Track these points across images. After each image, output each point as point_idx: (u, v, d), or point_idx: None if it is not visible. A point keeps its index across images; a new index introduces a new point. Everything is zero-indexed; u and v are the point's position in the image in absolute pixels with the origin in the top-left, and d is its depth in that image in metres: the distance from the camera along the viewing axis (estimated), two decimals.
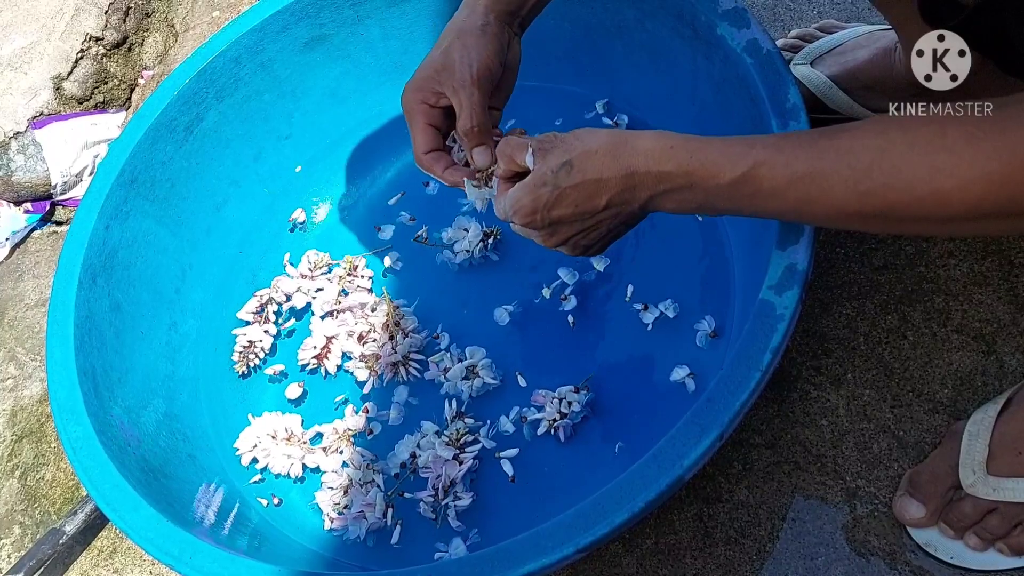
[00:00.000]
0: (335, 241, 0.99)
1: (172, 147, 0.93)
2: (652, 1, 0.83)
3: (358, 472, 0.82)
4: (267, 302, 0.94)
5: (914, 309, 0.81)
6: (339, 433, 0.85)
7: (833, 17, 0.99)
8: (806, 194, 0.52)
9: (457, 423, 0.82)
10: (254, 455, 0.86)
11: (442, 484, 0.78)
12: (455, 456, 0.79)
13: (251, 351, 0.91)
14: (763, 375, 0.60)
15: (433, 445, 0.80)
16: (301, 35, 0.96)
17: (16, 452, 1.01)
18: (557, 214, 0.61)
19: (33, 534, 0.95)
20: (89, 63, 1.25)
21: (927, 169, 0.47)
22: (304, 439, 0.86)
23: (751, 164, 0.54)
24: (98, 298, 0.84)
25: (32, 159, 1.18)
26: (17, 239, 1.20)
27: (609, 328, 0.85)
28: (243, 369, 0.91)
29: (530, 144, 0.61)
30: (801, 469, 0.76)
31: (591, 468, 0.78)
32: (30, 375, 1.07)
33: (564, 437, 0.79)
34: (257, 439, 0.86)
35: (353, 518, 0.79)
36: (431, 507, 0.78)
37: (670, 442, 0.59)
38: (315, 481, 0.85)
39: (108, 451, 0.72)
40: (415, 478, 0.81)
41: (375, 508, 0.79)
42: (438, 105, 0.70)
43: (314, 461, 0.85)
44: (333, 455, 0.84)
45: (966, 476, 0.67)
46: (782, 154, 0.53)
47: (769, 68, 0.72)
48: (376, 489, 0.80)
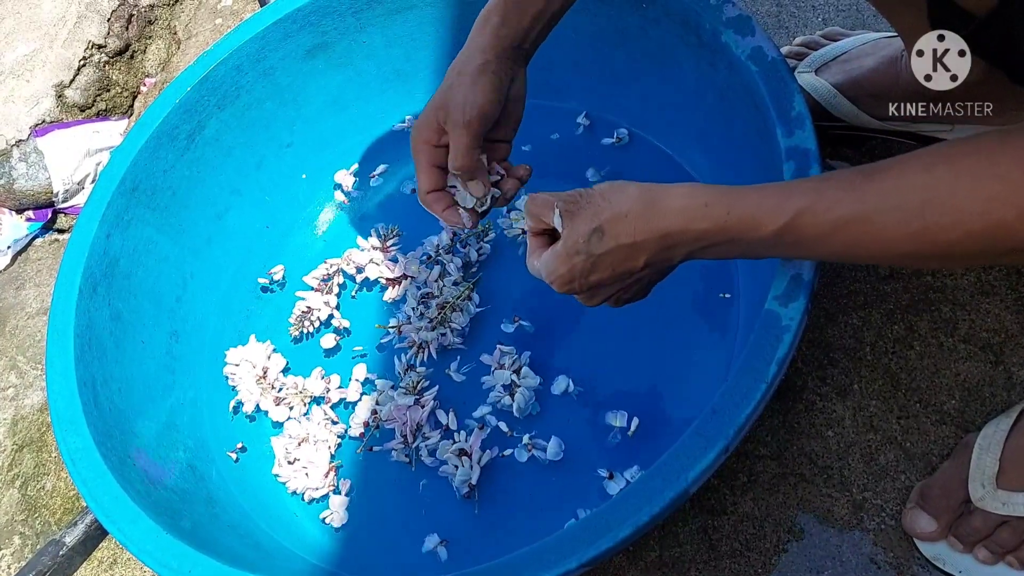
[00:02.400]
0: (340, 249, 0.98)
1: (174, 155, 0.93)
2: (656, 9, 0.83)
3: (317, 428, 0.86)
4: (335, 272, 0.95)
5: (921, 319, 0.80)
6: (298, 389, 0.89)
7: (838, 25, 0.99)
8: (854, 239, 0.51)
9: (410, 374, 0.85)
10: (234, 372, 0.91)
11: (409, 429, 0.82)
12: (416, 402, 0.83)
13: (308, 317, 0.93)
14: (769, 387, 0.59)
15: (392, 398, 0.84)
16: (303, 43, 0.96)
17: (17, 462, 1.01)
18: (595, 279, 0.60)
19: (33, 544, 0.95)
20: (91, 71, 1.25)
21: (981, 202, 0.45)
22: (274, 383, 0.90)
23: (792, 214, 0.52)
24: (99, 307, 0.84)
25: (34, 167, 1.17)
26: (19, 247, 1.20)
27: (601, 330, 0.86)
28: (296, 333, 0.93)
29: (556, 204, 0.60)
30: (807, 481, 0.75)
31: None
32: (31, 384, 1.07)
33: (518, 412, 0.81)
34: (242, 361, 0.91)
35: (295, 472, 0.84)
36: (403, 452, 0.82)
37: (674, 455, 0.58)
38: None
39: (108, 462, 0.72)
40: (380, 433, 0.85)
41: (317, 466, 0.84)
42: (441, 144, 0.72)
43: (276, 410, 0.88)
44: (297, 407, 0.88)
45: (976, 490, 0.67)
46: (823, 200, 0.51)
47: (774, 76, 0.72)
48: (326, 450, 0.85)
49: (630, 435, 0.78)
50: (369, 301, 0.96)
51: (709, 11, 0.77)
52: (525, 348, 0.84)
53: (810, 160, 0.67)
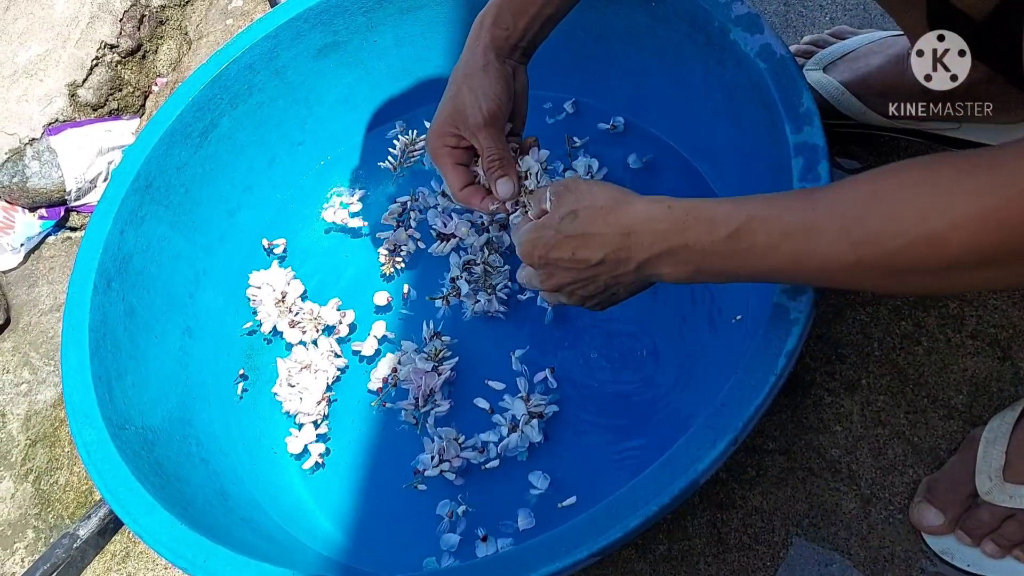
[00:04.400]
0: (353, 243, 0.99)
1: (187, 153, 0.94)
2: (665, 7, 0.83)
3: (320, 358, 0.90)
4: (409, 208, 0.98)
5: (928, 315, 0.80)
6: (313, 315, 0.93)
7: (846, 23, 0.99)
8: (800, 248, 0.51)
9: (435, 341, 0.87)
10: (255, 294, 0.95)
11: (422, 393, 0.84)
12: (434, 367, 0.85)
13: (396, 254, 0.96)
14: (778, 379, 0.60)
15: (413, 360, 0.86)
16: (314, 42, 0.97)
17: (30, 456, 1.02)
18: (554, 256, 0.63)
19: (47, 538, 0.96)
20: (104, 70, 1.26)
21: (917, 210, 0.45)
22: (292, 307, 0.94)
23: (744, 218, 0.53)
24: (113, 303, 0.84)
25: (47, 165, 1.18)
26: (32, 245, 1.21)
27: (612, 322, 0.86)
28: (390, 271, 0.95)
29: (550, 189, 0.65)
30: (815, 475, 0.76)
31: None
32: (44, 380, 1.08)
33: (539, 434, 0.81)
34: (263, 284, 0.95)
35: (291, 394, 0.88)
36: (412, 414, 0.85)
37: (684, 446, 0.59)
38: None
39: (123, 455, 0.73)
40: (396, 391, 0.87)
41: (312, 393, 0.87)
42: (460, 146, 0.74)
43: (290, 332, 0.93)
44: (310, 332, 0.92)
45: (983, 483, 0.67)
46: (774, 208, 0.52)
47: (782, 73, 0.72)
48: (324, 380, 0.89)
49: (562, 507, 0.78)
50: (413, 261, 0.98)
51: (718, 9, 0.78)
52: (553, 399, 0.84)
53: (818, 156, 0.67)
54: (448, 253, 0.92)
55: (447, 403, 0.85)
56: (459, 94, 0.71)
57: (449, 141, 0.74)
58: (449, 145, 0.74)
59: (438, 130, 0.74)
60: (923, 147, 0.88)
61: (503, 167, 0.72)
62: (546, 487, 0.78)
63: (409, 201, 0.98)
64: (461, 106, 0.71)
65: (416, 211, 0.98)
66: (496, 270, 0.88)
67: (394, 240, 0.96)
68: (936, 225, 0.44)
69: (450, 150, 0.74)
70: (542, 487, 0.78)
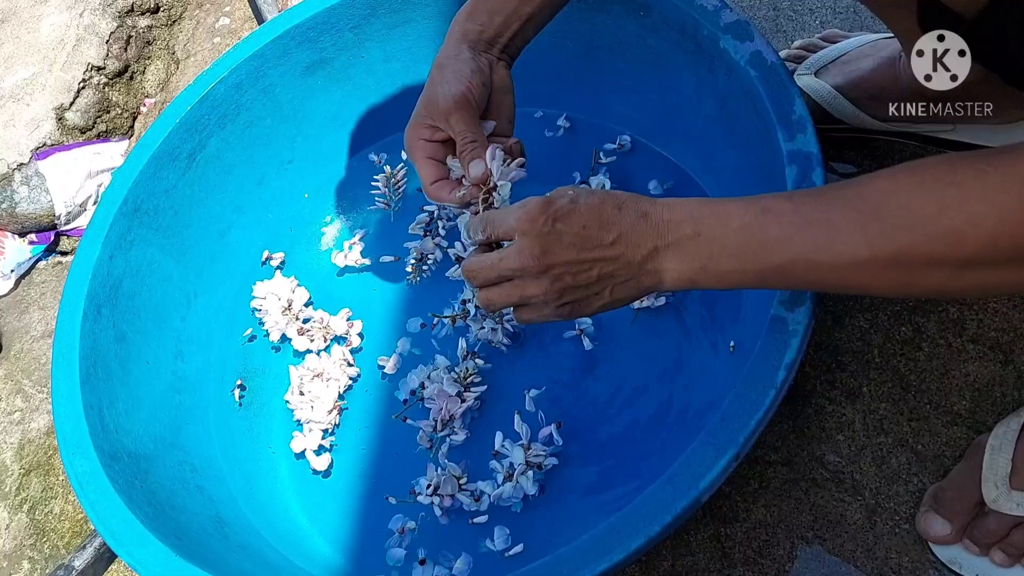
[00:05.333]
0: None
1: (175, 175, 0.93)
2: (654, 16, 0.82)
3: (332, 367, 0.90)
4: (436, 217, 0.97)
5: (928, 320, 0.79)
6: (323, 324, 0.93)
7: (836, 27, 0.99)
8: (814, 242, 0.50)
9: (468, 362, 0.85)
10: (260, 304, 0.95)
11: (442, 417, 0.82)
12: (459, 392, 0.83)
13: (423, 264, 0.95)
14: (778, 392, 0.59)
15: (442, 379, 0.83)
16: (302, 60, 0.96)
17: (24, 486, 1.01)
18: (560, 227, 0.57)
19: (42, 568, 0.95)
20: (91, 93, 1.25)
21: (935, 205, 0.45)
22: (299, 315, 0.94)
23: (758, 210, 0.52)
24: (103, 329, 0.83)
25: (36, 190, 1.17)
26: (22, 271, 1.20)
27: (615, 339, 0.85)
28: (416, 279, 0.94)
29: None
30: (819, 486, 0.75)
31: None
32: (37, 407, 1.07)
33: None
34: (268, 294, 0.95)
35: (303, 402, 0.88)
36: (428, 437, 0.83)
37: (685, 464, 0.58)
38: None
39: (115, 485, 0.72)
40: (421, 406, 0.85)
41: (323, 401, 0.87)
42: (434, 139, 0.72)
43: (298, 340, 0.93)
44: (318, 340, 0.93)
45: (989, 491, 0.66)
46: (791, 202, 0.52)
47: (774, 80, 0.72)
48: (336, 388, 0.89)
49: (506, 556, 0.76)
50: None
51: (706, 17, 0.77)
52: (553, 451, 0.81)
53: (812, 163, 0.66)
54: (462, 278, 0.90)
55: (464, 433, 0.82)
56: (431, 84, 0.71)
57: (423, 133, 0.72)
58: (423, 138, 0.72)
59: (413, 122, 0.73)
60: (918, 150, 0.87)
61: (475, 149, 0.69)
62: (500, 548, 0.76)
63: (437, 210, 0.97)
64: (432, 95, 0.70)
65: (444, 219, 0.96)
66: None
67: (421, 249, 0.95)
68: (954, 221, 0.45)
69: (424, 143, 0.72)
70: (497, 546, 0.76)
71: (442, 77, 0.70)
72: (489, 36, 0.72)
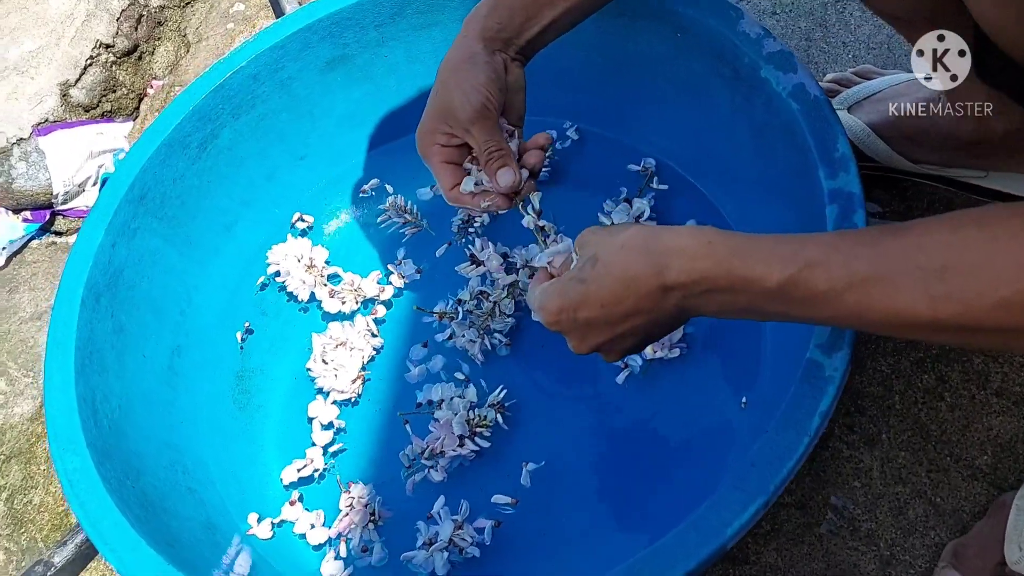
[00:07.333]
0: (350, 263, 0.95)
1: (184, 164, 0.90)
2: (691, 38, 0.80)
3: (356, 336, 0.88)
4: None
5: (952, 369, 0.78)
6: (354, 286, 0.91)
7: (869, 62, 0.97)
8: (868, 299, 0.45)
9: (489, 411, 0.79)
10: (278, 265, 0.93)
11: (433, 447, 0.79)
12: (461, 436, 0.78)
13: (469, 225, 0.93)
14: (811, 440, 0.57)
15: (457, 411, 0.79)
16: (323, 54, 0.93)
17: (3, 473, 0.97)
18: (584, 316, 0.55)
19: (18, 561, 0.91)
20: (98, 70, 1.22)
21: (1014, 267, 0.41)
22: (323, 272, 0.92)
23: (803, 264, 0.47)
24: (101, 319, 0.80)
25: (34, 167, 1.14)
26: (14, 249, 1.16)
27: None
28: (461, 240, 0.92)
29: (576, 241, 0.60)
30: (833, 533, 0.73)
31: None
32: (21, 392, 1.03)
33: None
34: (286, 256, 0.92)
35: (326, 371, 0.86)
36: (408, 458, 0.80)
37: (712, 509, 0.56)
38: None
39: (107, 485, 0.69)
40: (430, 419, 0.81)
41: (347, 371, 0.85)
42: (450, 144, 0.71)
43: (329, 302, 0.91)
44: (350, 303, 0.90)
45: (1012, 552, 0.64)
46: (839, 253, 0.47)
47: (817, 115, 0.70)
48: (360, 358, 0.87)
49: None
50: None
51: (748, 44, 0.75)
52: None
53: (854, 204, 0.65)
54: (470, 277, 0.87)
55: (442, 475, 0.79)
56: (446, 89, 0.69)
57: (439, 139, 0.71)
58: (439, 143, 0.71)
59: (427, 127, 0.71)
60: (948, 194, 0.86)
61: (501, 157, 0.69)
62: None
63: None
64: (449, 102, 0.69)
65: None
66: (501, 316, 0.84)
67: (468, 211, 0.92)
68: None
69: (440, 148, 0.71)
70: None
71: (457, 83, 0.68)
72: (507, 35, 0.70)
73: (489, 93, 0.68)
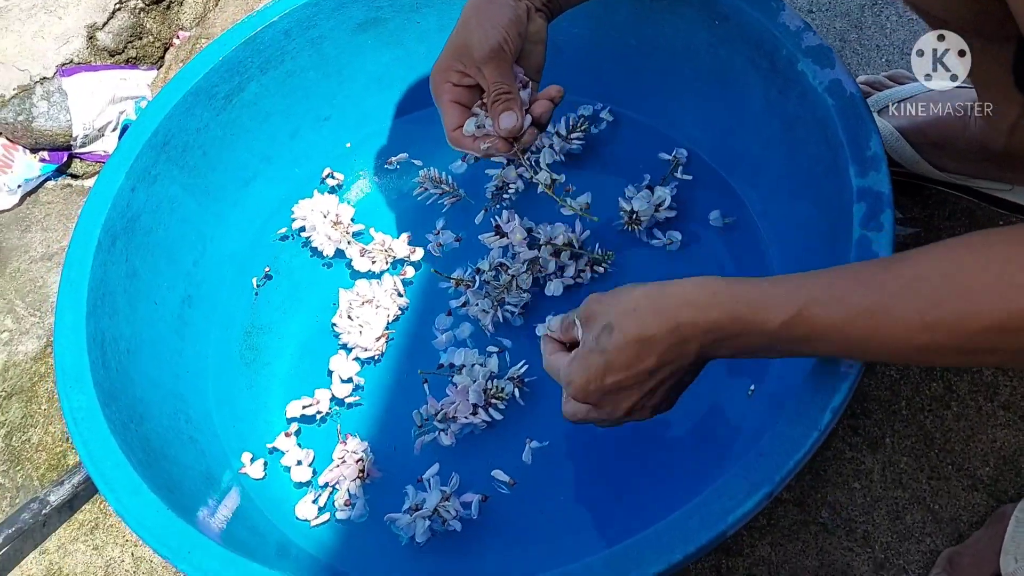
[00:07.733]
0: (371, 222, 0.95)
1: (209, 114, 0.89)
2: (731, 27, 0.80)
3: (383, 295, 0.88)
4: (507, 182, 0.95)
5: (961, 379, 0.78)
6: (385, 247, 0.90)
7: (902, 67, 0.96)
8: (867, 330, 0.47)
9: (507, 383, 0.78)
10: (303, 221, 0.92)
11: (447, 411, 0.78)
12: (476, 405, 0.78)
13: (504, 192, 0.92)
14: (821, 435, 0.57)
15: (476, 378, 0.79)
16: (356, 15, 0.93)
17: (4, 409, 0.97)
18: (611, 380, 0.56)
19: (12, 497, 0.91)
20: (126, 16, 1.21)
21: (1007, 289, 0.42)
22: (348, 229, 0.91)
23: (802, 303, 0.49)
24: (115, 262, 0.80)
25: (56, 107, 1.13)
26: (29, 187, 1.16)
27: None
28: (495, 206, 0.92)
29: (576, 317, 0.60)
30: (828, 532, 0.73)
31: None
32: (27, 331, 1.03)
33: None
34: (311, 212, 0.92)
35: (351, 327, 0.86)
36: (422, 417, 0.80)
37: (716, 495, 0.56)
38: None
39: (111, 425, 0.69)
40: (448, 382, 0.81)
41: (372, 328, 0.85)
42: (462, 84, 0.71)
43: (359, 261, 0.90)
44: (380, 262, 0.90)
45: (1008, 564, 0.64)
46: (836, 289, 0.49)
47: (852, 112, 0.69)
48: (385, 317, 0.86)
49: None
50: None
51: (788, 36, 0.75)
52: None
53: (883, 204, 0.64)
54: (492, 248, 0.86)
55: (451, 440, 0.78)
56: (466, 27, 0.69)
57: (452, 77, 0.70)
58: (451, 81, 0.71)
59: (442, 65, 0.71)
60: (971, 205, 0.85)
61: (507, 101, 0.69)
62: None
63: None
64: (466, 39, 0.68)
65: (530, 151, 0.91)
66: (518, 290, 0.83)
67: (503, 177, 0.92)
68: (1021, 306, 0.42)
69: (451, 87, 0.71)
70: None
71: (478, 21, 0.68)
72: None
73: (507, 34, 0.68)
